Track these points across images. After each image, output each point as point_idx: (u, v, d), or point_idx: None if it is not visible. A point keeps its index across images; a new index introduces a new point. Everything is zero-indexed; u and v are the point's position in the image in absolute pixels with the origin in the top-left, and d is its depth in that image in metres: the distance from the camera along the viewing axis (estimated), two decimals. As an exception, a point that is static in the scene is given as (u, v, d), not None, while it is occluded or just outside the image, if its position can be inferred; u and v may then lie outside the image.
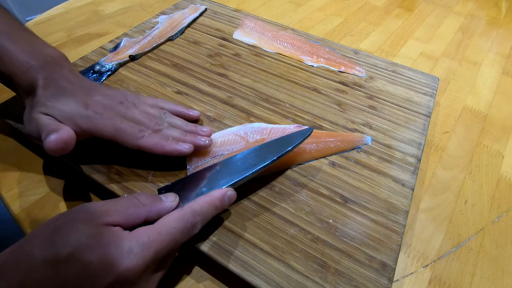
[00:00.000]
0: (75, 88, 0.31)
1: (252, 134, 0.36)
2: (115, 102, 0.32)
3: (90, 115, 0.29)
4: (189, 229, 0.24)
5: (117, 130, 0.29)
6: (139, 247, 0.22)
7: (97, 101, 0.31)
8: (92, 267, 0.20)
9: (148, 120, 0.32)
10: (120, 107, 0.31)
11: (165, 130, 0.32)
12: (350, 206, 0.32)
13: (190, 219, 0.25)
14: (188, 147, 0.31)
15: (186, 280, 0.29)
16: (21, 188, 0.34)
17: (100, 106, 0.30)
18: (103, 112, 0.30)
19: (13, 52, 0.30)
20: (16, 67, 0.30)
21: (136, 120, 0.31)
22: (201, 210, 0.26)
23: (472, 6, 0.72)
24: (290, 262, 0.28)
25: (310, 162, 0.35)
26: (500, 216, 0.36)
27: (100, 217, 0.22)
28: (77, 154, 0.33)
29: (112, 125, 0.29)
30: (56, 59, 0.32)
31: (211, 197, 0.27)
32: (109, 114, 0.30)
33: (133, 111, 0.32)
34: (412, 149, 0.37)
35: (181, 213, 0.25)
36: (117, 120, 0.30)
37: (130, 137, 0.30)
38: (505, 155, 0.42)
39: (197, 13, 0.55)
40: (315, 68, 0.47)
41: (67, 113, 0.29)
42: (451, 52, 0.59)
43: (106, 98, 0.31)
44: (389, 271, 0.28)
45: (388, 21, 0.66)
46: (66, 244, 0.20)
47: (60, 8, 0.60)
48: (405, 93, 0.44)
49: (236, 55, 0.48)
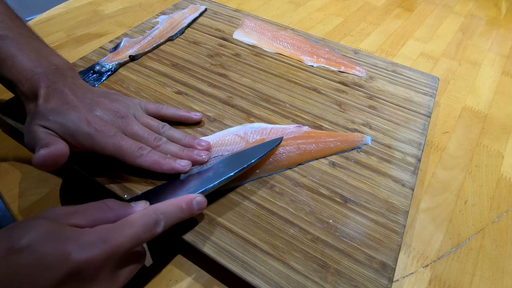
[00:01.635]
0: (77, 101, 0.31)
1: (252, 134, 0.36)
2: (116, 117, 0.32)
3: (91, 132, 0.29)
4: (151, 225, 0.24)
5: (117, 149, 0.30)
6: (98, 239, 0.21)
7: (98, 117, 0.31)
8: (47, 258, 0.20)
9: (147, 135, 0.33)
10: (121, 122, 0.32)
11: (163, 146, 0.33)
12: (350, 206, 0.32)
13: (153, 216, 0.25)
14: (185, 164, 0.32)
15: (186, 280, 0.29)
16: (21, 188, 0.34)
17: (102, 123, 0.30)
18: (104, 129, 0.30)
19: (18, 58, 0.31)
20: (20, 74, 0.30)
21: (136, 136, 0.32)
22: (165, 209, 0.26)
23: (472, 6, 0.72)
24: (290, 262, 0.28)
25: (310, 162, 0.35)
26: (500, 216, 0.36)
27: (65, 219, 0.22)
28: (78, 156, 0.33)
29: (113, 144, 0.30)
30: (60, 68, 0.32)
31: (178, 199, 0.27)
32: (110, 131, 0.30)
33: (133, 126, 0.33)
34: (412, 149, 0.37)
35: (144, 211, 0.25)
36: (117, 138, 0.30)
37: (129, 157, 0.30)
38: (505, 155, 0.42)
39: (197, 13, 0.55)
40: (315, 68, 0.47)
41: (68, 130, 0.29)
42: (451, 52, 0.59)
43: (108, 113, 0.32)
44: (389, 271, 0.28)
45: (388, 21, 0.66)
46: (22, 236, 0.20)
47: (60, 8, 0.60)
48: (405, 93, 0.44)
49: (236, 55, 0.48)
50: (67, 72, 0.33)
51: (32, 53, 0.32)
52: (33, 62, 0.31)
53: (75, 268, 0.20)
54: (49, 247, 0.20)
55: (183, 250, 0.31)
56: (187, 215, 0.27)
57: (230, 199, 0.32)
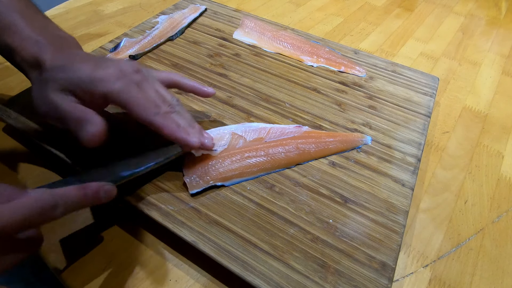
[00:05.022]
0: (86, 56, 0.29)
1: (249, 133, 0.36)
2: (132, 70, 0.30)
3: (105, 77, 0.27)
4: (46, 209, 0.22)
5: (131, 98, 0.28)
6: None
7: (112, 68, 0.29)
8: None
9: (161, 101, 0.30)
10: (135, 76, 0.29)
11: (175, 115, 0.31)
12: (350, 206, 0.32)
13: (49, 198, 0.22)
14: (197, 140, 0.30)
15: (186, 280, 0.29)
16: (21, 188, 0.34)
17: (117, 69, 0.28)
18: (119, 75, 0.28)
19: (21, 26, 0.29)
20: (24, 40, 0.29)
21: (149, 96, 0.30)
22: (65, 194, 0.23)
23: (472, 6, 0.72)
24: (290, 262, 0.28)
25: (310, 162, 0.35)
26: (500, 216, 0.36)
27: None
28: (79, 155, 0.33)
29: (128, 92, 0.28)
30: (65, 39, 0.31)
31: (84, 186, 0.25)
32: (125, 80, 0.28)
33: (148, 85, 0.30)
34: (412, 149, 0.37)
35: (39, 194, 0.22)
36: (133, 88, 0.28)
37: (143, 110, 0.28)
38: (505, 155, 0.42)
39: (197, 13, 0.55)
40: (315, 68, 0.47)
41: (81, 80, 0.27)
42: (451, 52, 0.59)
43: (122, 66, 0.29)
44: (389, 271, 0.28)
45: (388, 21, 0.66)
46: None
47: (60, 8, 0.60)
48: (405, 93, 0.44)
49: (236, 55, 0.48)
50: (73, 43, 0.32)
51: (37, 23, 0.30)
52: (38, 31, 0.29)
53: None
54: None
55: (183, 250, 0.30)
56: (92, 203, 0.25)
57: (230, 199, 0.32)
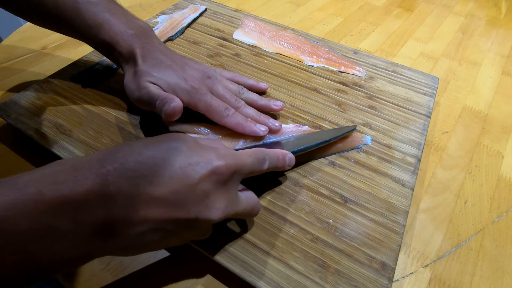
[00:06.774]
0: (169, 60, 0.35)
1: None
2: (205, 76, 0.36)
3: (189, 89, 0.34)
4: (261, 160, 0.28)
5: (208, 107, 0.34)
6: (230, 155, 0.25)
7: (191, 75, 0.35)
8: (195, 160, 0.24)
9: (229, 96, 0.36)
10: (208, 82, 0.36)
11: (243, 108, 0.36)
12: (350, 206, 0.32)
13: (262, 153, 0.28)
14: (264, 129, 0.35)
15: (186, 280, 0.29)
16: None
17: (195, 81, 0.35)
18: (198, 87, 0.34)
19: (113, 22, 0.34)
20: (117, 35, 0.34)
21: (220, 96, 0.36)
22: (269, 153, 0.29)
23: (472, 6, 0.72)
24: (290, 262, 0.28)
25: (310, 162, 0.35)
26: (500, 216, 0.36)
27: None
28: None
29: (205, 102, 0.34)
30: (146, 30, 0.37)
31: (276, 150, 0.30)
32: (203, 89, 0.34)
33: (218, 86, 0.36)
34: (412, 149, 0.37)
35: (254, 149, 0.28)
36: (208, 96, 0.34)
37: (217, 115, 0.34)
38: (505, 155, 0.42)
39: (197, 13, 0.55)
40: (315, 68, 0.47)
41: (171, 85, 0.33)
42: (451, 52, 0.59)
43: (197, 72, 0.36)
44: (389, 271, 0.28)
45: (388, 21, 0.66)
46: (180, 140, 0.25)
47: (60, 8, 0.60)
48: (405, 93, 0.44)
49: (236, 55, 0.48)
50: (151, 33, 0.37)
51: (122, 17, 0.35)
52: (125, 25, 0.35)
53: (215, 169, 0.23)
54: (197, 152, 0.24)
55: (183, 250, 0.30)
56: (280, 166, 0.30)
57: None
